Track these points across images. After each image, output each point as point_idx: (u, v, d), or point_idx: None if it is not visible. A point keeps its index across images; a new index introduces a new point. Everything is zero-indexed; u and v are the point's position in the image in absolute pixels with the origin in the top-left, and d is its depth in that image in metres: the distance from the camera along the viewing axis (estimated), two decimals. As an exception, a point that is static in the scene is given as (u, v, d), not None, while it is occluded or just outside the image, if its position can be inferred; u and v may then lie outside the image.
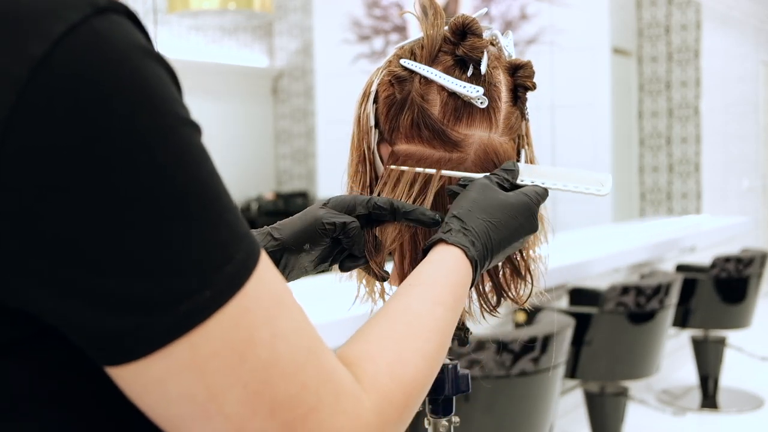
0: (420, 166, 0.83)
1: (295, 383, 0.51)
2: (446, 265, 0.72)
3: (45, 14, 0.46)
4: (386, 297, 0.91)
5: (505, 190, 0.81)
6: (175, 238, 0.47)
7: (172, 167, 0.48)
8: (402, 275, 0.86)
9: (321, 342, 0.55)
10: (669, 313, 3.21)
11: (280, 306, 0.52)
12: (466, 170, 0.83)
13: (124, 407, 0.52)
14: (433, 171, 0.83)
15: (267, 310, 0.51)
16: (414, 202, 0.83)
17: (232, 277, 0.49)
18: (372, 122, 0.86)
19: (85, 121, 0.46)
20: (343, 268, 0.88)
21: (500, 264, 0.87)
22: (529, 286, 0.88)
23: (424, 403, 0.90)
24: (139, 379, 0.48)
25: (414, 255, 0.86)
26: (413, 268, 0.75)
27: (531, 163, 0.88)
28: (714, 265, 4.15)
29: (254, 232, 0.84)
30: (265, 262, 0.52)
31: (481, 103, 0.82)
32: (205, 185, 0.49)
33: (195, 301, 0.48)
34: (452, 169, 0.83)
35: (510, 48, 0.88)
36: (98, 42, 0.47)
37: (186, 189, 0.48)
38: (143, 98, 0.48)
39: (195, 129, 0.50)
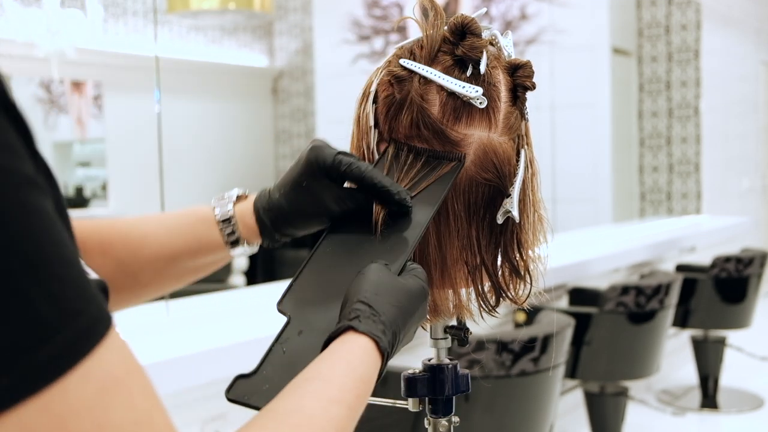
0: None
1: None
2: (351, 358, 0.65)
3: None
4: None
5: None
6: None
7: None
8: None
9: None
10: (669, 313, 3.21)
11: (117, 393, 0.44)
12: (465, 170, 0.82)
13: None
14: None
15: (95, 399, 0.43)
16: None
17: (42, 365, 0.40)
18: (371, 122, 0.85)
19: None
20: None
21: (499, 264, 0.86)
22: (529, 286, 0.88)
23: (424, 403, 0.90)
24: None
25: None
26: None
27: (531, 163, 0.88)
28: (714, 265, 4.15)
29: None
30: (111, 339, 0.44)
31: (480, 103, 0.82)
32: (33, 254, 0.41)
33: None
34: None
35: (509, 48, 0.88)
36: None
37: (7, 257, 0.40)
38: None
39: (34, 188, 0.42)
